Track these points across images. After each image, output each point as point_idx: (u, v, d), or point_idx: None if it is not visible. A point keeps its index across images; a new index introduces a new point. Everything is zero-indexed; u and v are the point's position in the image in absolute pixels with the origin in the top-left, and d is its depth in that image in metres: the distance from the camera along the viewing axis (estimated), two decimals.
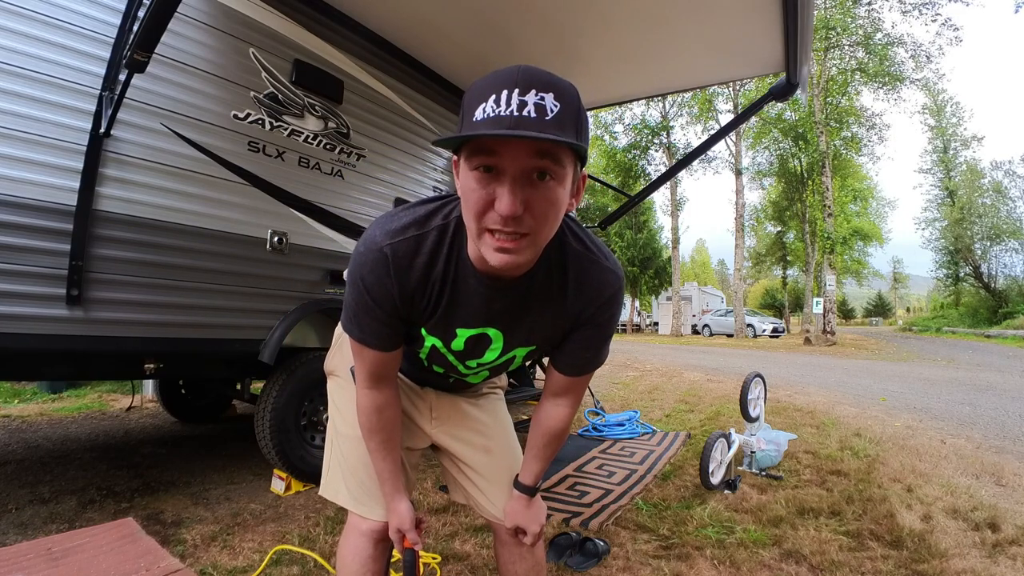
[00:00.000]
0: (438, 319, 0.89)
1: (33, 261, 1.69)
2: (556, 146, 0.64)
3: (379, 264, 0.81)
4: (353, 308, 0.87)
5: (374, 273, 0.82)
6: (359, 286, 0.84)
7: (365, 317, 0.87)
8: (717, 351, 13.75)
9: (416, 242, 0.82)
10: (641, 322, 31.14)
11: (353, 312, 0.88)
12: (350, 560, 1.07)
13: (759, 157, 24.25)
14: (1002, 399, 5.82)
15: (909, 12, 16.90)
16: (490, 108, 0.63)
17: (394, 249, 0.81)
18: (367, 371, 0.95)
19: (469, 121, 0.65)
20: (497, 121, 0.62)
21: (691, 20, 2.38)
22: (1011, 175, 25.87)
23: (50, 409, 4.41)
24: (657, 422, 4.34)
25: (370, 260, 0.82)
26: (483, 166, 0.65)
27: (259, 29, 2.27)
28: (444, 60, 2.97)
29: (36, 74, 1.70)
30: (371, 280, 0.82)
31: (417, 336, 0.94)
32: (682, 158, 3.99)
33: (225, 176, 2.18)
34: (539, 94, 0.63)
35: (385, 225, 0.82)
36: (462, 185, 0.70)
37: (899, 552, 1.99)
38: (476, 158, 0.66)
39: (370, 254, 0.81)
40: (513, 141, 0.63)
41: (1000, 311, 23.63)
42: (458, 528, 2.11)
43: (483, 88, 0.65)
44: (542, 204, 0.67)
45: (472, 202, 0.68)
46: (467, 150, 0.67)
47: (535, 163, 0.65)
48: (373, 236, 0.82)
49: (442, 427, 1.18)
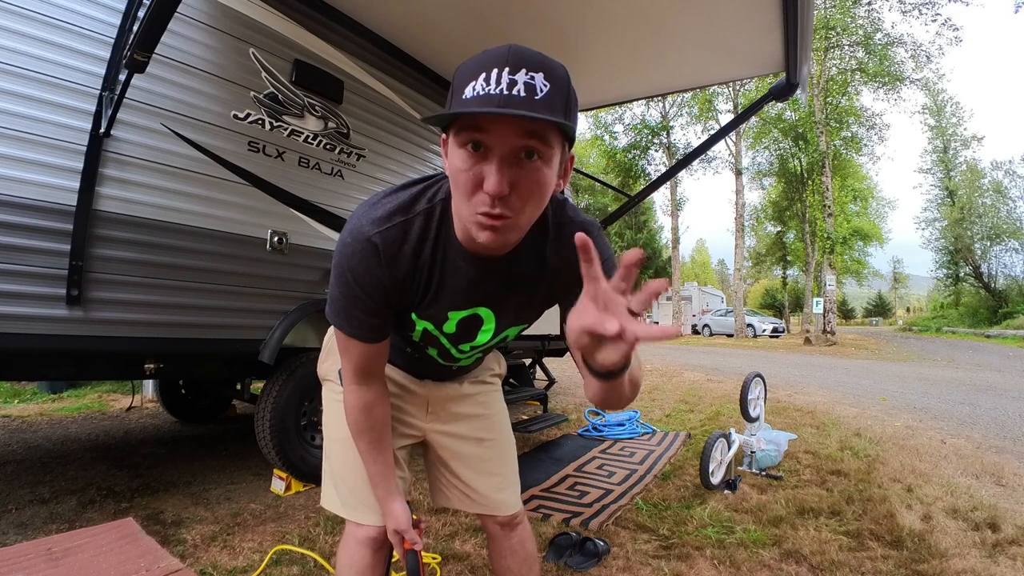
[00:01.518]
0: (428, 302, 0.88)
1: (33, 261, 1.69)
2: (544, 126, 0.64)
3: (369, 254, 0.80)
4: (341, 301, 0.85)
5: (364, 263, 0.80)
6: (347, 277, 0.82)
7: (354, 309, 0.85)
8: (717, 351, 13.75)
9: (403, 228, 0.81)
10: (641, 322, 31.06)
11: (341, 305, 0.85)
12: (347, 569, 1.05)
13: (759, 157, 24.27)
14: (1002, 399, 5.82)
15: (909, 12, 16.92)
16: (480, 86, 0.62)
17: (383, 237, 0.79)
18: (355, 366, 0.92)
19: (458, 99, 0.65)
20: (487, 99, 0.62)
21: (691, 20, 2.38)
22: (1011, 175, 25.92)
23: (50, 409, 4.41)
24: (657, 422, 4.34)
25: (359, 250, 0.80)
26: (472, 142, 0.65)
27: (259, 29, 2.27)
28: (444, 60, 2.97)
29: (36, 74, 1.70)
30: (360, 270, 0.81)
31: (408, 321, 0.93)
32: (682, 158, 3.99)
33: (225, 176, 2.18)
34: (529, 73, 0.63)
35: (370, 213, 0.80)
36: (450, 164, 0.70)
37: (899, 552, 1.99)
38: (464, 134, 0.65)
39: (358, 244, 0.79)
40: (502, 119, 0.62)
41: (1000, 311, 23.65)
42: (458, 528, 2.11)
43: (473, 66, 0.65)
44: (528, 184, 0.67)
45: (461, 181, 0.67)
46: (456, 127, 0.66)
47: (523, 142, 0.64)
48: (359, 226, 0.80)
49: (437, 421, 1.15)
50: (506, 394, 3.70)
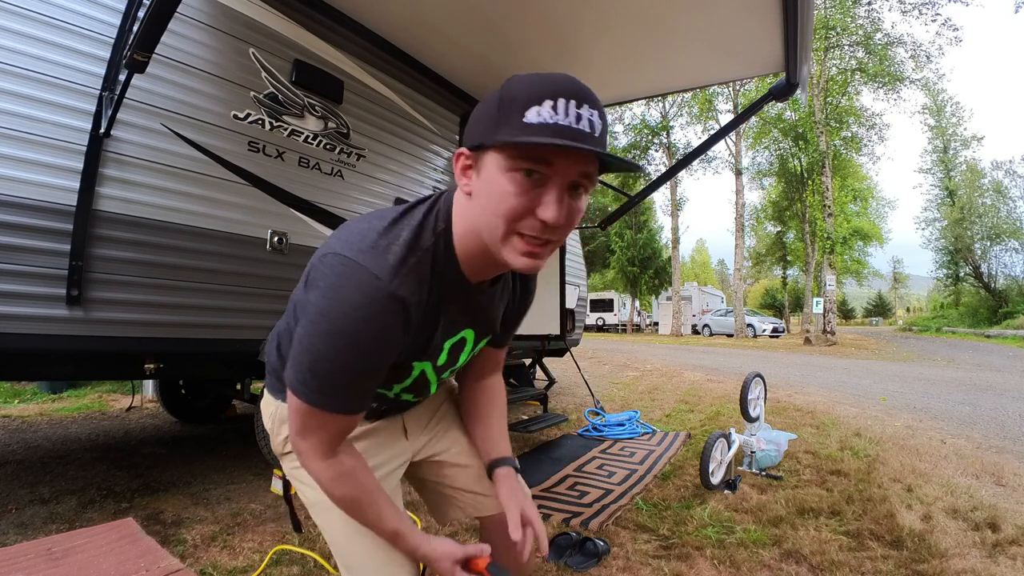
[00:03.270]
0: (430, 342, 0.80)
1: (33, 261, 1.69)
2: (595, 163, 0.66)
3: (395, 312, 0.68)
4: (337, 378, 0.70)
5: (387, 326, 0.68)
6: (356, 348, 0.68)
7: (358, 382, 0.72)
8: (717, 351, 13.75)
9: (418, 271, 0.71)
10: (641, 322, 31.13)
11: (334, 383, 0.70)
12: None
13: (759, 157, 24.27)
14: (1002, 399, 5.82)
15: (909, 12, 16.92)
16: (547, 113, 0.61)
17: (408, 289, 0.69)
18: (330, 439, 0.76)
19: (519, 122, 0.62)
20: (558, 130, 0.61)
21: (691, 20, 2.38)
22: (1011, 175, 25.91)
23: (50, 409, 4.41)
24: (657, 422, 4.34)
25: (381, 311, 0.67)
26: (529, 170, 0.63)
27: (259, 29, 2.27)
28: (444, 60, 2.97)
29: (36, 74, 1.69)
30: (383, 337, 0.69)
31: (406, 367, 0.82)
32: (682, 158, 3.99)
33: (225, 176, 2.18)
34: (590, 109, 0.63)
35: (379, 262, 0.67)
36: (490, 184, 0.65)
37: (899, 552, 1.99)
38: (524, 161, 0.63)
39: (379, 304, 0.67)
40: (568, 152, 0.62)
41: (1000, 311, 23.65)
42: (458, 528, 2.11)
43: (534, 90, 0.62)
44: (575, 215, 0.68)
45: (507, 205, 0.64)
46: (512, 151, 0.63)
47: (578, 178, 0.65)
48: (371, 281, 0.66)
49: (418, 437, 1.06)
50: (506, 394, 3.71)
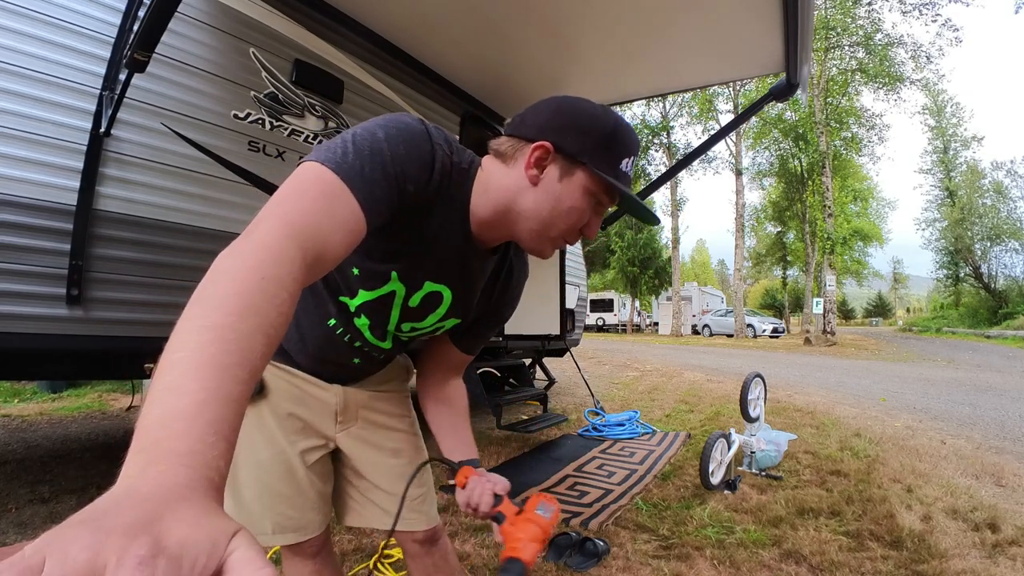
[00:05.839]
0: (416, 258, 0.80)
1: (33, 261, 1.69)
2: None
3: (421, 134, 0.70)
4: (362, 149, 0.64)
5: (420, 147, 0.69)
6: (390, 140, 0.66)
7: (373, 172, 0.63)
8: (717, 351, 13.75)
9: (448, 160, 0.74)
10: (641, 322, 31.14)
11: (360, 152, 0.63)
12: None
13: (759, 157, 24.30)
14: (1002, 399, 5.82)
15: (909, 12, 16.93)
16: (627, 166, 0.79)
17: (438, 142, 0.73)
18: (302, 227, 0.59)
19: (617, 166, 0.77)
20: (627, 180, 0.80)
21: (691, 20, 2.38)
22: (1012, 175, 25.95)
23: (50, 409, 4.41)
24: (657, 422, 4.34)
25: (411, 124, 0.70)
26: (598, 200, 0.79)
27: (259, 29, 2.27)
28: (444, 60, 2.97)
29: (36, 74, 1.69)
30: (413, 148, 0.68)
31: (385, 275, 0.81)
32: (682, 158, 3.99)
33: (225, 176, 2.18)
34: None
35: (427, 123, 0.73)
36: (565, 192, 0.77)
37: (899, 552, 1.99)
38: (602, 195, 0.78)
39: (414, 122, 0.70)
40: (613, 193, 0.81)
41: (1000, 311, 23.66)
42: (458, 528, 2.11)
43: (631, 146, 0.79)
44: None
45: (574, 217, 0.79)
46: (599, 183, 0.77)
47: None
48: (419, 123, 0.72)
49: (348, 430, 1.04)
50: (506, 394, 3.70)
